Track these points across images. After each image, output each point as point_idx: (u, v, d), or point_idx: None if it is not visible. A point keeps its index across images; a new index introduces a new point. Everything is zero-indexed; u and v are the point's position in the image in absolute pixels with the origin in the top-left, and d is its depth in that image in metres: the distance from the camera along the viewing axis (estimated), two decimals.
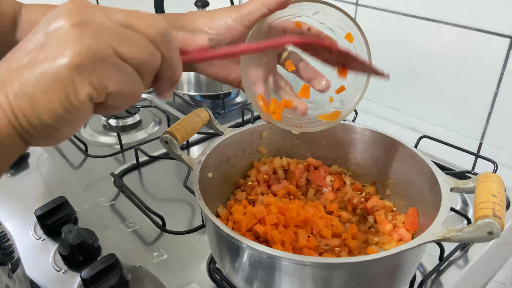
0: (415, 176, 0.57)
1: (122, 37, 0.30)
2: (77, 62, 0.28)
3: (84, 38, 0.28)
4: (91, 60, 0.28)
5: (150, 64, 0.31)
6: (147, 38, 0.31)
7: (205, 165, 0.56)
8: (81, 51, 0.28)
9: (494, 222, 0.39)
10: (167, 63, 0.33)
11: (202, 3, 1.02)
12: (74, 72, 0.28)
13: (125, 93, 0.30)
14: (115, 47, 0.29)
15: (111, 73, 0.29)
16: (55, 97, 0.28)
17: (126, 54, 0.30)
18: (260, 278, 0.46)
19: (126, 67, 0.30)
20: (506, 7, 0.74)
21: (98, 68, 0.29)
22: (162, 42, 0.32)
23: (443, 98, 0.88)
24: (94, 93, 0.29)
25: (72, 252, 0.60)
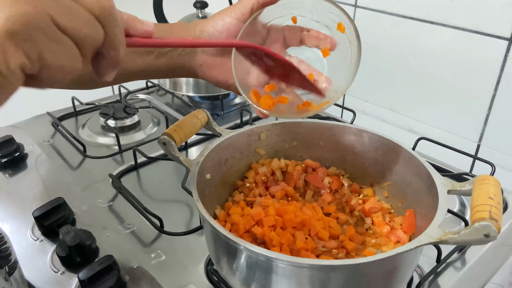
0: (412, 178, 0.57)
1: (64, 8, 0.28)
2: (10, 27, 0.26)
3: (21, 2, 0.26)
4: (26, 27, 0.26)
5: (91, 39, 0.30)
6: (91, 13, 0.30)
7: (203, 167, 0.56)
8: (16, 15, 0.26)
9: (490, 225, 0.39)
10: (110, 41, 0.32)
11: (201, 4, 1.02)
12: (6, 37, 0.26)
13: (61, 66, 0.29)
14: (55, 16, 0.28)
15: (47, 43, 0.27)
16: None
17: (65, 25, 0.28)
18: (258, 280, 0.46)
19: (64, 39, 0.28)
20: (504, 9, 0.74)
21: (34, 36, 0.27)
22: (107, 19, 0.31)
23: (441, 99, 0.88)
24: (27, 62, 0.27)
25: (70, 253, 0.60)
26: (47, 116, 0.99)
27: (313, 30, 0.55)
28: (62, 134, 0.94)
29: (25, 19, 0.26)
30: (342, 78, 0.54)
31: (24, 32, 0.26)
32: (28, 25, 0.26)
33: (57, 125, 0.95)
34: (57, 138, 0.93)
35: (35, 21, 0.26)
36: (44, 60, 0.28)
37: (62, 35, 0.28)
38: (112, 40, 0.32)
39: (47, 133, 0.95)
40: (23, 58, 0.27)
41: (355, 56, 0.52)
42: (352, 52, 0.52)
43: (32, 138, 0.92)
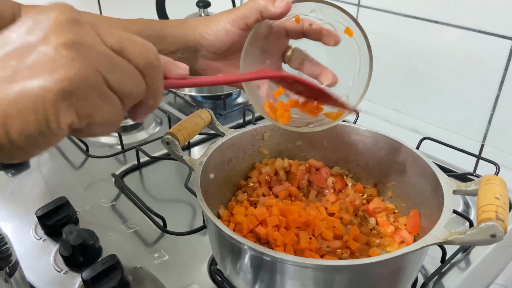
0: (417, 178, 0.57)
1: (114, 65, 0.28)
2: (66, 87, 0.25)
3: (75, 61, 0.26)
4: (80, 87, 0.26)
5: (136, 94, 0.30)
6: (137, 68, 0.29)
7: (206, 166, 0.56)
8: (71, 76, 0.26)
9: (497, 225, 0.39)
10: (151, 93, 0.31)
11: (204, 3, 1.02)
12: (60, 97, 0.25)
13: (106, 122, 0.29)
14: (106, 75, 0.27)
15: (98, 102, 0.27)
16: (32, 120, 0.25)
17: (114, 84, 0.28)
18: (262, 280, 0.46)
19: (113, 97, 0.28)
20: (509, 9, 0.74)
21: (87, 96, 0.27)
22: (151, 73, 0.30)
23: (445, 99, 0.87)
24: (77, 121, 0.27)
25: (73, 253, 0.59)
26: None
27: (315, 24, 0.54)
28: None
29: (81, 80, 0.26)
30: (353, 90, 0.54)
31: (79, 92, 0.26)
32: (83, 86, 0.26)
33: None
34: None
35: (89, 80, 0.26)
36: (93, 118, 0.28)
37: (111, 93, 0.28)
38: (154, 92, 0.31)
39: None
40: (74, 117, 0.27)
41: (365, 71, 0.51)
42: (362, 64, 0.52)
43: None
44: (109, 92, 0.28)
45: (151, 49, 0.30)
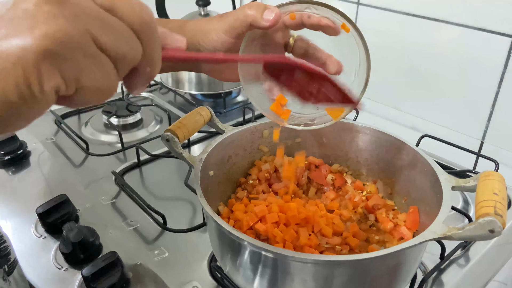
0: (416, 175, 0.57)
1: (104, 23, 0.25)
2: (48, 46, 0.23)
3: (59, 18, 0.23)
4: (64, 46, 0.24)
5: (131, 57, 0.27)
6: (132, 28, 0.27)
7: (206, 163, 0.56)
8: (54, 33, 0.23)
9: (495, 220, 0.39)
10: (148, 58, 0.29)
11: (204, 1, 1.02)
12: (42, 57, 0.23)
13: (98, 88, 0.26)
14: (95, 34, 0.25)
15: (86, 64, 0.25)
16: (11, 84, 0.23)
17: (106, 44, 0.25)
18: (262, 276, 0.46)
19: (103, 59, 0.26)
20: (508, 7, 0.74)
21: (72, 56, 0.24)
22: (147, 34, 0.28)
23: (445, 97, 0.88)
24: (63, 85, 0.25)
25: (73, 250, 0.60)
26: (50, 114, 0.99)
27: (313, 16, 0.53)
28: (65, 132, 0.94)
29: (65, 37, 0.23)
30: (355, 85, 0.53)
31: (63, 52, 0.24)
32: (67, 44, 0.24)
33: (60, 123, 0.96)
34: (60, 136, 0.93)
35: (75, 39, 0.24)
36: (81, 82, 0.25)
37: (102, 55, 0.26)
38: (151, 56, 0.29)
39: (50, 131, 0.95)
40: (59, 80, 0.24)
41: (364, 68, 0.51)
42: (362, 60, 0.51)
43: (35, 136, 0.92)
44: (99, 53, 0.25)
45: (145, 8, 0.28)
